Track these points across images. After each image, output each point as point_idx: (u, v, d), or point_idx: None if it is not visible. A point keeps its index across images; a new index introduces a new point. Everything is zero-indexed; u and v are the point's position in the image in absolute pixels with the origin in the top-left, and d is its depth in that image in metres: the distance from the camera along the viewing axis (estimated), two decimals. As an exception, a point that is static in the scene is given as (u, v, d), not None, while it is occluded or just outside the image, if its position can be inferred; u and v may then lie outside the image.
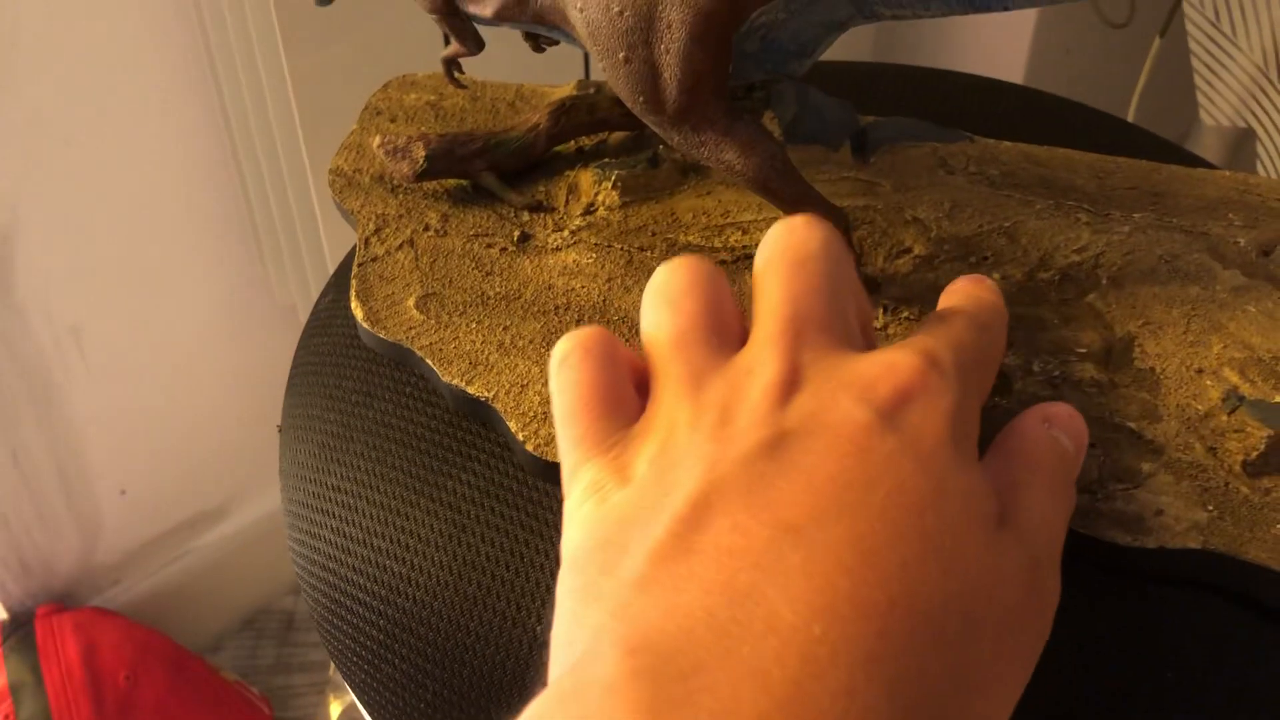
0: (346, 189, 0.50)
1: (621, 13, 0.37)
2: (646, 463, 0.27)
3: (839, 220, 0.41)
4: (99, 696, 0.93)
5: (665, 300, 0.32)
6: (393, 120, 0.55)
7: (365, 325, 0.43)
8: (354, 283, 0.45)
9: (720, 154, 0.40)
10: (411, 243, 0.47)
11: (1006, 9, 0.34)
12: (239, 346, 0.96)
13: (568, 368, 0.31)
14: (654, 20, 0.37)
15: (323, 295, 0.51)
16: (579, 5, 0.38)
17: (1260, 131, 0.76)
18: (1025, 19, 1.09)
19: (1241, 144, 0.82)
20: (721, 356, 0.30)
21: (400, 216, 0.49)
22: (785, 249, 0.32)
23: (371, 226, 0.48)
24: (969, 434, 0.29)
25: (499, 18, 0.42)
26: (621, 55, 0.38)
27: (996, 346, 0.33)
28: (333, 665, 1.01)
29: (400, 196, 0.50)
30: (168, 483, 1.00)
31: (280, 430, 0.48)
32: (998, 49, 1.10)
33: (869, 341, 0.32)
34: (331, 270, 0.88)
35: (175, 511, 1.03)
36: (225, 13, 0.78)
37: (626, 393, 0.31)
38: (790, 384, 0.28)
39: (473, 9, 0.42)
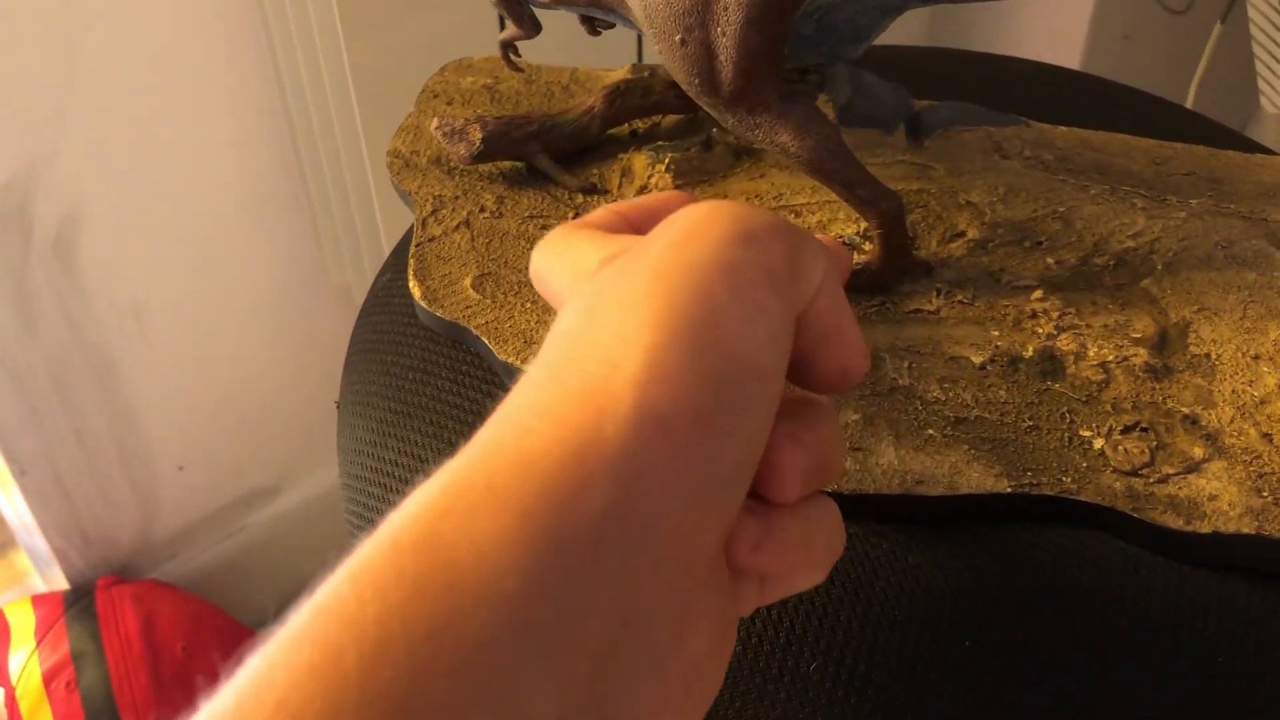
0: (404, 170, 0.51)
1: (678, -5, 0.37)
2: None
3: (892, 203, 0.41)
4: (157, 666, 0.95)
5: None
6: (449, 103, 0.56)
7: (423, 304, 0.44)
8: (412, 262, 0.46)
9: (775, 136, 0.40)
10: (468, 224, 0.48)
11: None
12: (294, 327, 0.98)
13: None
14: (711, 3, 0.37)
15: (381, 274, 0.52)
16: (637, -12, 0.39)
17: None
18: (1083, 4, 1.08)
19: None
20: None
21: (457, 198, 0.49)
22: None
23: (429, 207, 0.49)
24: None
25: (557, 2, 0.42)
26: (678, 37, 0.38)
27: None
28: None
29: (457, 178, 0.50)
30: (224, 460, 1.03)
31: (338, 406, 0.49)
32: (1054, 35, 1.09)
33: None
34: (387, 252, 0.89)
35: (231, 488, 1.05)
36: (289, 13, 0.79)
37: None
38: None
39: (531, -8, 0.43)
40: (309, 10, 0.78)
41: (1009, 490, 0.36)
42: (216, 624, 1.01)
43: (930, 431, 0.38)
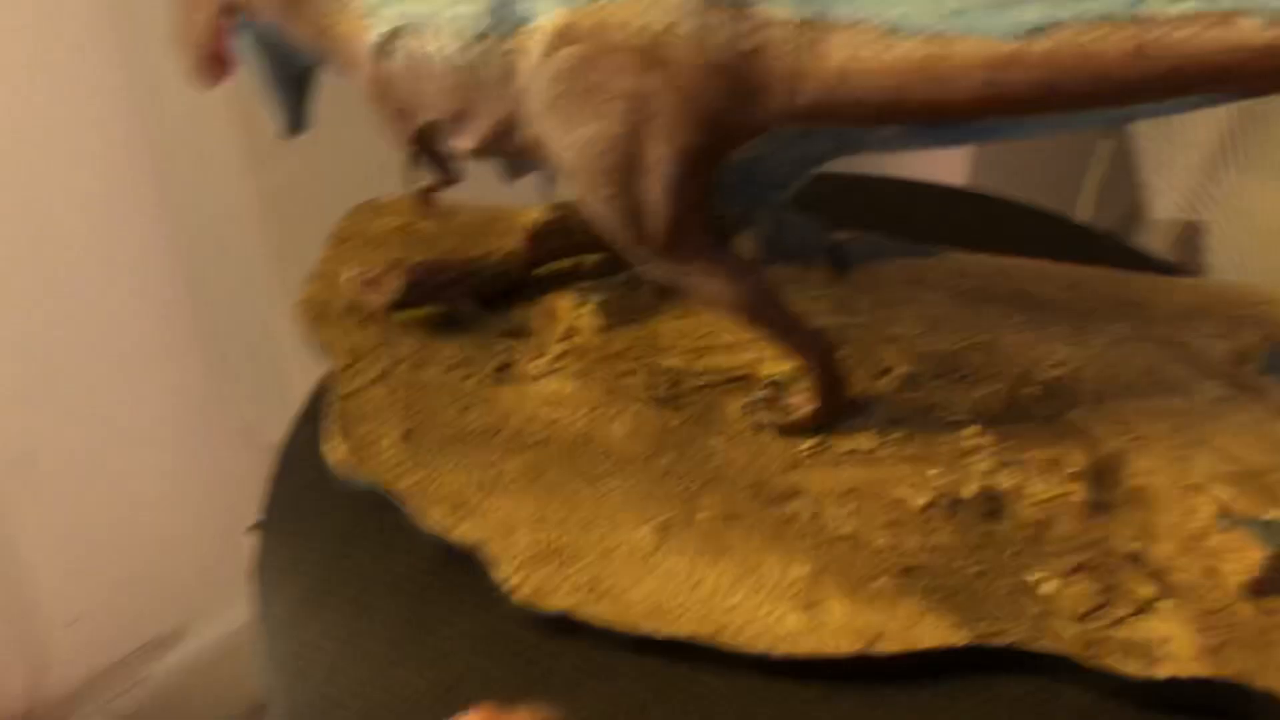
0: (317, 321, 0.49)
1: (605, 151, 0.37)
2: None
3: (824, 346, 0.41)
4: (49, 840, 0.88)
5: None
6: (361, 248, 0.54)
7: (344, 468, 0.42)
8: (329, 422, 0.44)
9: (705, 285, 0.39)
10: (386, 376, 0.46)
11: (987, 140, 0.35)
12: (195, 466, 0.94)
13: None
14: (638, 157, 0.37)
15: (296, 430, 0.50)
16: (561, 145, 0.38)
17: (1211, 224, 0.78)
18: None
19: (1191, 236, 0.84)
20: None
21: (375, 348, 0.48)
22: None
23: (345, 360, 0.47)
24: None
25: (479, 153, 0.41)
26: (606, 192, 0.38)
27: None
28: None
29: (373, 327, 0.49)
30: (120, 608, 0.97)
31: (252, 530, 0.46)
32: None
33: None
34: (296, 389, 0.86)
35: (129, 638, 0.99)
36: (184, 127, 0.77)
37: None
38: None
39: (451, 145, 0.42)
40: (209, 139, 0.77)
41: (964, 643, 0.35)
42: (115, 785, 0.94)
43: (880, 582, 0.37)
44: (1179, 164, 0.78)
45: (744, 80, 0.36)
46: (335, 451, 0.43)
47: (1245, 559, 0.36)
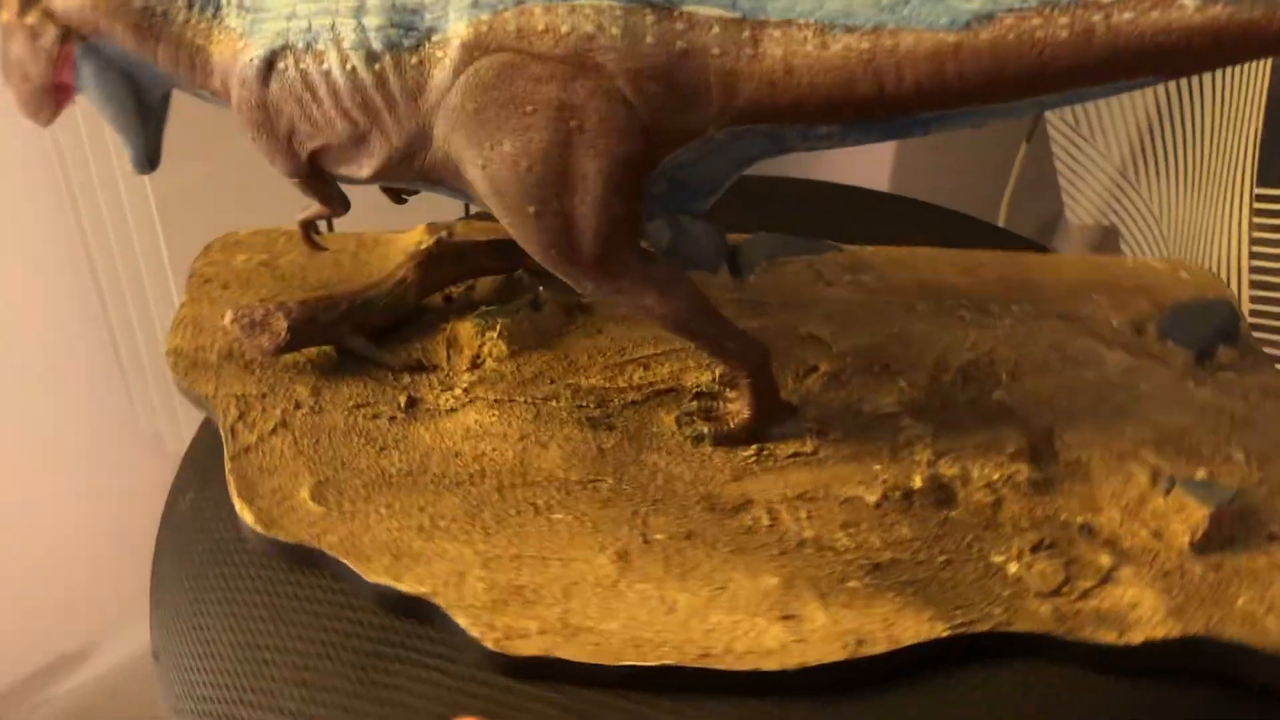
0: (192, 371, 0.45)
1: (531, 168, 0.35)
2: None
3: (758, 352, 0.40)
4: None
5: None
6: (225, 287, 0.50)
7: (259, 529, 0.38)
8: (231, 479, 0.40)
9: (639, 299, 0.38)
10: (285, 424, 0.43)
11: (926, 133, 0.35)
12: (101, 480, 0.87)
13: None
14: (567, 172, 0.35)
15: (177, 494, 0.45)
16: (480, 162, 0.36)
17: (1123, 229, 0.82)
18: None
19: (1105, 241, 0.88)
20: None
21: (264, 396, 0.44)
22: None
23: (234, 412, 0.43)
24: None
25: (377, 177, 0.39)
26: (531, 210, 0.36)
27: None
28: None
29: (258, 373, 0.45)
30: (22, 627, 0.88)
31: (156, 658, 0.41)
32: (863, 148, 1.12)
33: None
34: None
35: (32, 657, 0.91)
36: (90, 131, 0.70)
37: None
38: None
39: (345, 171, 0.39)
40: (109, 147, 0.70)
41: (947, 635, 0.35)
42: None
43: (852, 583, 0.36)
44: (1095, 171, 0.82)
45: (677, 83, 0.34)
46: (248, 514, 0.39)
47: (1188, 519, 0.37)
